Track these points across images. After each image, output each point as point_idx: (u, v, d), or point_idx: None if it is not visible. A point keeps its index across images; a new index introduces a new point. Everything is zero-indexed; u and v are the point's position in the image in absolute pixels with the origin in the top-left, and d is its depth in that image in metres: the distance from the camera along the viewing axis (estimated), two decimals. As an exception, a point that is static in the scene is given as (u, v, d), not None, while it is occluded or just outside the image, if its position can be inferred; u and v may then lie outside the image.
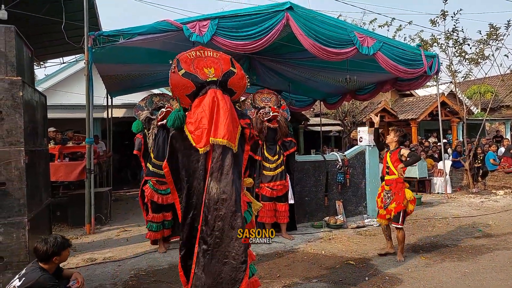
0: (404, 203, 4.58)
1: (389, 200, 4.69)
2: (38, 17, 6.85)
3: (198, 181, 2.79)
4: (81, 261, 4.75)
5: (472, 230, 6.09)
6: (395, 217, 4.60)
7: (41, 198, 4.32)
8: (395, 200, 4.60)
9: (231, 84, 2.94)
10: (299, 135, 14.35)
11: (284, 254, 4.96)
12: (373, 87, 9.74)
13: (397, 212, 4.57)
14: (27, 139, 3.74)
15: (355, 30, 7.00)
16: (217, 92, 2.82)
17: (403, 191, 4.61)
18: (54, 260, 2.81)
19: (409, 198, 4.61)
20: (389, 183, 4.73)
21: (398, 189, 4.62)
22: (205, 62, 2.92)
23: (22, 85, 3.68)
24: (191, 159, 2.81)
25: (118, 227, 6.59)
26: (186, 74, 2.81)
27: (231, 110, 2.84)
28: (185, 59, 2.90)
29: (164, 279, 4.10)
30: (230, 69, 2.95)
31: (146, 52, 6.91)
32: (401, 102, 16.69)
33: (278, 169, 5.70)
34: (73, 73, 12.32)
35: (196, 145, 2.74)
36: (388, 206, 4.67)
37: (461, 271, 4.23)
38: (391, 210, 4.62)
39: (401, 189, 4.61)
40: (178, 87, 2.81)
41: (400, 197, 4.58)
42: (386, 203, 4.73)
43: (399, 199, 4.58)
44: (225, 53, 3.07)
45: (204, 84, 2.83)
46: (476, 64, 10.58)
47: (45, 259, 2.77)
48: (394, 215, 4.59)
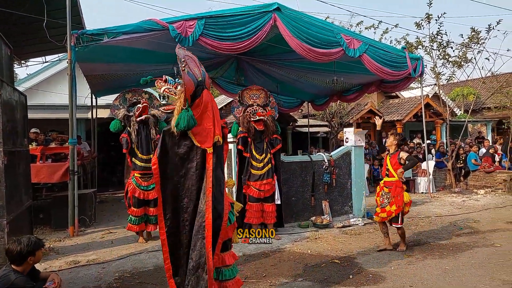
0: (403, 205, 4.88)
1: (387, 201, 4.95)
2: (19, 15, 6.69)
3: (192, 181, 2.74)
4: (64, 263, 4.65)
5: (453, 228, 6.21)
6: (395, 218, 4.90)
7: (21, 199, 4.22)
8: (395, 203, 4.86)
9: (206, 83, 2.90)
10: (287, 136, 14.40)
11: (270, 254, 4.96)
12: (359, 88, 9.84)
13: (397, 214, 4.86)
14: (5, 140, 3.65)
15: (341, 32, 7.05)
16: (208, 92, 2.83)
17: (402, 194, 4.88)
18: (28, 261, 2.73)
19: (406, 201, 4.90)
20: (388, 185, 4.99)
21: (397, 192, 4.88)
22: (194, 62, 2.91)
23: (0, 84, 3.60)
24: (185, 158, 2.75)
25: (103, 229, 6.48)
26: (189, 73, 2.71)
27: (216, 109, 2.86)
28: (187, 58, 2.88)
29: (149, 281, 4.05)
30: (202, 67, 2.93)
31: (132, 51, 6.82)
32: (387, 103, 16.91)
33: (266, 168, 5.71)
34: (56, 72, 12.10)
35: (202, 146, 2.71)
36: (386, 206, 4.93)
37: (442, 267, 4.31)
38: (391, 212, 4.87)
39: (400, 192, 4.88)
40: (189, 87, 2.68)
41: (399, 200, 4.86)
42: (384, 203, 4.98)
43: (399, 202, 4.85)
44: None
45: (199, 84, 2.78)
46: (459, 66, 10.79)
47: (19, 260, 2.70)
48: (394, 216, 4.88)
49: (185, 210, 2.77)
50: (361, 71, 7.90)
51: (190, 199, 2.76)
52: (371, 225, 6.49)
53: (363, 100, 14.22)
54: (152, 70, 8.48)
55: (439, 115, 14.66)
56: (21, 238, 2.76)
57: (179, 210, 2.78)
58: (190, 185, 2.76)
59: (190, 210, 2.75)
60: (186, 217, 2.76)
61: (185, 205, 2.77)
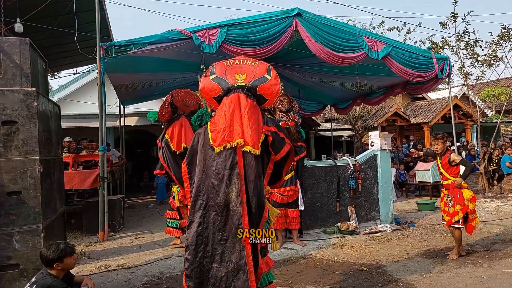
0: (466, 203, 4.77)
1: (450, 203, 4.90)
2: (52, 29, 7.03)
3: (211, 180, 2.77)
4: (95, 268, 4.80)
5: (488, 235, 5.96)
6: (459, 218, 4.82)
7: (56, 206, 4.40)
8: (457, 203, 4.80)
9: (261, 90, 2.89)
10: (310, 141, 14.30)
11: (296, 260, 4.93)
12: (384, 91, 9.67)
13: (464, 213, 4.77)
14: (41, 149, 3.83)
15: (364, 34, 6.98)
16: (240, 96, 2.83)
17: (461, 192, 4.82)
18: (55, 267, 2.81)
19: (467, 197, 4.79)
20: (446, 187, 4.97)
21: (456, 192, 4.83)
22: (239, 69, 2.96)
23: (36, 95, 3.78)
24: (207, 157, 2.82)
25: (131, 234, 6.65)
26: (216, 78, 2.92)
27: (252, 114, 2.79)
28: (220, 65, 3.00)
29: (176, 286, 4.11)
30: (264, 76, 2.94)
31: (157, 61, 7.01)
32: (413, 105, 16.52)
33: (288, 174, 5.68)
34: (86, 83, 12.56)
35: (213, 144, 2.78)
36: (450, 209, 4.88)
37: (477, 276, 4.14)
38: (456, 212, 4.79)
39: (459, 190, 4.82)
40: (205, 90, 2.95)
41: (460, 198, 4.78)
42: (448, 206, 4.92)
43: (460, 200, 4.78)
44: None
45: (231, 88, 2.87)
46: (488, 65, 10.42)
47: (48, 265, 2.81)
48: (462, 216, 4.78)
49: (205, 207, 2.77)
50: (385, 73, 7.77)
51: (208, 198, 2.76)
52: (399, 232, 6.33)
53: (388, 102, 13.94)
54: (177, 78, 8.69)
55: (469, 117, 14.17)
56: (52, 244, 2.87)
57: (208, 208, 2.78)
58: (208, 183, 2.77)
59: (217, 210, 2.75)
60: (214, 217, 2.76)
61: (204, 202, 2.78)
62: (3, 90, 3.66)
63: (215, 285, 2.67)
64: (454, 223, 4.81)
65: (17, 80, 3.77)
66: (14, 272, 3.54)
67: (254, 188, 2.72)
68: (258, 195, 2.74)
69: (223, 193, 2.73)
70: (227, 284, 2.64)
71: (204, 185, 2.79)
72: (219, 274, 2.67)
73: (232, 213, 2.71)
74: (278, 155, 2.90)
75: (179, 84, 9.11)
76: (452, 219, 4.81)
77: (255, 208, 2.72)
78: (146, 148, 15.82)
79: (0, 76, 3.71)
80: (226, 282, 2.64)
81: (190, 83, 8.43)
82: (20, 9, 6.57)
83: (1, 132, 3.62)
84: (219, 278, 2.66)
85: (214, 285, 2.67)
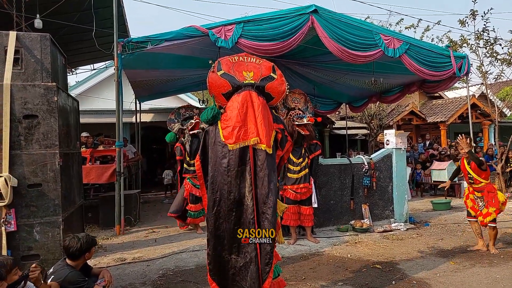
0: (500, 206, 4.94)
1: (483, 205, 5.00)
2: (70, 25, 7.15)
3: (223, 177, 2.83)
4: (112, 260, 4.90)
5: (503, 235, 5.84)
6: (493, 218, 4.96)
7: (74, 199, 4.50)
8: (492, 206, 4.91)
9: (269, 89, 2.99)
10: (325, 139, 14.22)
11: (309, 257, 4.94)
12: (400, 89, 9.53)
13: (497, 214, 4.95)
14: (61, 142, 3.92)
15: (381, 32, 6.88)
16: (252, 93, 2.88)
17: (496, 196, 4.94)
18: (86, 257, 2.92)
19: (502, 200, 4.97)
20: (479, 190, 5.03)
21: (491, 196, 4.94)
22: (245, 66, 3.02)
23: (56, 90, 3.88)
24: (218, 154, 2.87)
25: (146, 229, 6.75)
26: (224, 74, 2.94)
27: (265, 112, 2.87)
28: (226, 61, 3.02)
29: (191, 279, 4.17)
30: (270, 74, 3.01)
31: (174, 57, 7.08)
32: (429, 104, 16.23)
33: (302, 172, 5.66)
34: (103, 79, 12.76)
35: (226, 141, 2.82)
36: (482, 210, 4.99)
37: (492, 276, 4.08)
38: (489, 213, 4.91)
39: (494, 196, 4.95)
40: (214, 86, 2.96)
41: (495, 203, 4.91)
42: (480, 207, 5.03)
43: (495, 204, 4.91)
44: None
45: (241, 85, 2.91)
46: (508, 64, 10.16)
47: (77, 256, 2.87)
48: (494, 217, 4.93)
49: (218, 203, 2.85)
50: (402, 71, 7.66)
51: (221, 193, 2.83)
52: (414, 231, 6.26)
53: (404, 101, 13.74)
54: (192, 75, 8.75)
55: (487, 116, 13.85)
56: (79, 235, 2.94)
57: (222, 204, 2.85)
58: (221, 179, 2.83)
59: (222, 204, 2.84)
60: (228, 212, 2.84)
61: (218, 198, 2.85)
62: (25, 85, 3.77)
63: (234, 275, 2.77)
64: (490, 222, 4.92)
65: (38, 75, 3.86)
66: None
67: (268, 183, 2.77)
68: (272, 190, 2.80)
69: (236, 189, 2.80)
70: (245, 274, 2.74)
71: (216, 182, 2.86)
72: (237, 264, 2.76)
73: (245, 207, 2.80)
74: (284, 150, 3.05)
75: (194, 81, 9.18)
76: (485, 220, 4.93)
77: (267, 203, 2.78)
78: (161, 144, 16.06)
79: (22, 71, 3.81)
80: (245, 272, 2.75)
81: (205, 81, 8.47)
82: (39, 5, 6.71)
83: (22, 125, 3.73)
84: (238, 268, 2.77)
85: (234, 274, 2.78)
